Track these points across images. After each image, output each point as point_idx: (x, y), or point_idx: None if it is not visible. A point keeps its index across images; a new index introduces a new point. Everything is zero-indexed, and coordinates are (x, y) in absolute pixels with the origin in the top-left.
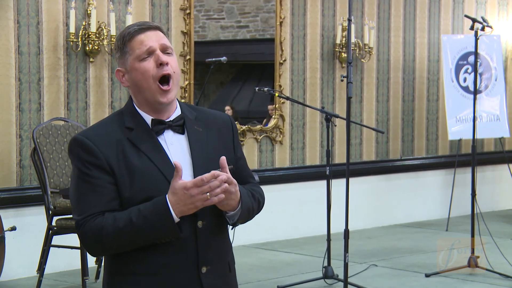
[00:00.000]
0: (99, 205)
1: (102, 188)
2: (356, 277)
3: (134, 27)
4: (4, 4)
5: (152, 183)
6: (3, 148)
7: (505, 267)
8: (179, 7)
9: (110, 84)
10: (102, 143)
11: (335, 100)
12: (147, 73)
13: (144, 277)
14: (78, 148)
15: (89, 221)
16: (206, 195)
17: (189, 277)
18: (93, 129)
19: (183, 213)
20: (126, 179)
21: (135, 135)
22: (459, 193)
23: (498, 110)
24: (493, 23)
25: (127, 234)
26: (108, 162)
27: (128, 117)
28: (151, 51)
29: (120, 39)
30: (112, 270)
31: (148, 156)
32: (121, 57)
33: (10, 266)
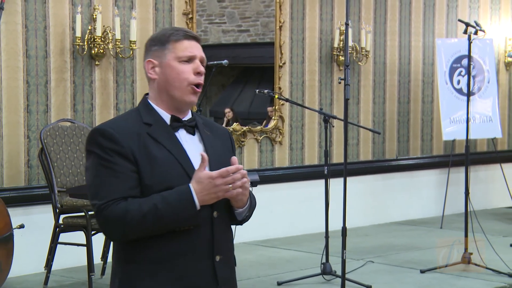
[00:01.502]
0: (121, 191)
1: (124, 175)
2: (353, 273)
3: (182, 31)
4: (12, 9)
5: (172, 174)
6: (12, 148)
7: (497, 264)
8: (182, 11)
9: (115, 87)
10: (124, 133)
11: (333, 101)
12: (183, 74)
13: (160, 265)
14: (100, 137)
15: (111, 205)
16: (229, 186)
17: (204, 265)
18: (113, 122)
19: (204, 202)
20: (148, 168)
21: (154, 130)
22: (453, 192)
23: (490, 111)
24: (486, 27)
25: (150, 218)
26: (131, 151)
27: (146, 114)
28: (193, 58)
29: (164, 36)
30: (126, 259)
31: (167, 148)
32: (158, 51)
33: (19, 262)
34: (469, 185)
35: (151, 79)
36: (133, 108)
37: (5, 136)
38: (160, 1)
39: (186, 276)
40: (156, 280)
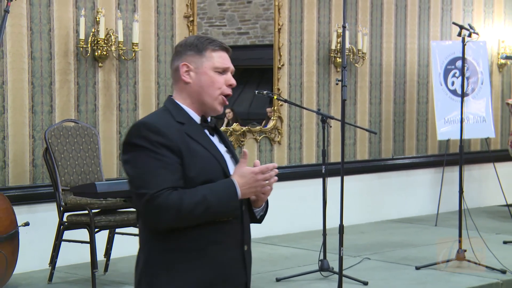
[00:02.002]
0: (171, 181)
1: (172, 166)
2: (351, 269)
3: (218, 42)
4: (17, 12)
5: (210, 167)
6: (17, 148)
7: (490, 260)
8: (183, 14)
9: (118, 88)
10: (168, 128)
11: (331, 102)
12: (217, 84)
13: (197, 253)
14: (147, 130)
15: (164, 193)
16: (266, 182)
17: (236, 254)
18: (153, 117)
19: (244, 196)
20: (191, 161)
21: (188, 128)
22: (447, 190)
23: (484, 112)
24: (480, 30)
25: (201, 208)
26: (177, 144)
27: (177, 113)
28: (227, 69)
29: (202, 44)
30: (163, 248)
31: (203, 145)
32: (194, 56)
33: (24, 259)
34: (463, 183)
35: (184, 82)
36: (161, 108)
37: (10, 136)
38: (162, 4)
39: (219, 264)
40: (192, 267)
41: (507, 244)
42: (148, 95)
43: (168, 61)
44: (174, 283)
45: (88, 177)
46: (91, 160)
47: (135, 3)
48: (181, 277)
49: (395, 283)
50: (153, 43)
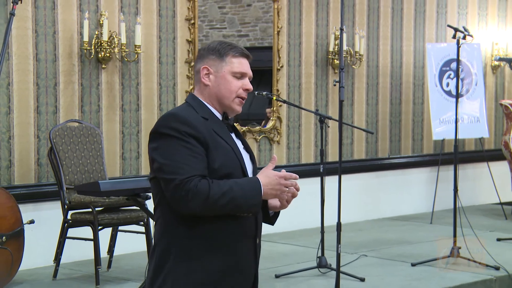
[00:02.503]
0: (200, 169)
1: (200, 156)
2: (348, 266)
3: (239, 49)
4: (23, 15)
5: (230, 162)
6: (22, 147)
7: (484, 257)
8: (184, 17)
9: (121, 89)
10: (195, 121)
11: (328, 103)
12: (233, 88)
13: (216, 242)
14: (177, 122)
15: (194, 179)
16: (287, 189)
17: (250, 245)
18: (182, 110)
19: (265, 196)
20: (215, 153)
21: (212, 123)
22: (442, 189)
23: (478, 112)
24: (474, 32)
25: (226, 198)
26: (204, 136)
27: (200, 109)
28: (244, 75)
29: (223, 49)
30: (184, 235)
31: (226, 141)
32: (215, 60)
33: (29, 256)
34: (458, 182)
35: (204, 84)
36: (183, 104)
37: (16, 136)
38: (163, 7)
39: (234, 254)
40: (209, 255)
41: (501, 241)
42: (150, 96)
43: (170, 62)
44: (191, 269)
45: (91, 176)
46: (94, 159)
47: (137, 6)
48: (198, 264)
49: (391, 279)
50: (155, 45)
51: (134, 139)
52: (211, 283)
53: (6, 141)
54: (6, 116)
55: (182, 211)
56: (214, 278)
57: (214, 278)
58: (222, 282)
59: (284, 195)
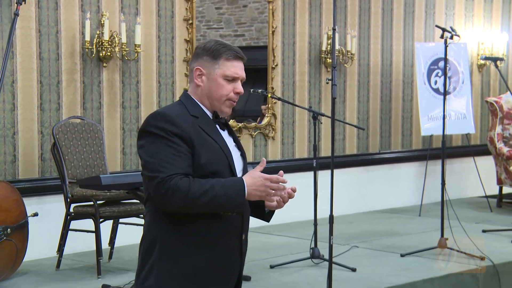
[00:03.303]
0: (182, 168)
1: (184, 155)
2: (340, 257)
3: (234, 51)
4: (27, 15)
5: (217, 159)
6: (27, 143)
7: (470, 248)
8: (183, 17)
9: (121, 86)
10: (182, 119)
11: (321, 100)
12: (224, 91)
13: (202, 238)
14: (163, 121)
15: (175, 178)
16: (272, 192)
17: (236, 242)
18: (169, 109)
19: (250, 196)
20: (202, 150)
21: (201, 122)
22: (430, 182)
23: (465, 109)
24: (461, 32)
25: (207, 196)
26: (189, 135)
27: (191, 107)
28: (236, 78)
29: (217, 51)
30: (170, 230)
31: (213, 138)
32: (208, 62)
33: (33, 247)
34: (445, 176)
35: (196, 84)
36: (176, 101)
37: (20, 132)
38: (162, 8)
39: (219, 250)
40: (194, 250)
41: (486, 232)
42: (150, 93)
43: (169, 61)
44: (175, 264)
45: (93, 171)
46: (96, 154)
47: (137, 7)
48: (182, 259)
49: (381, 269)
50: (154, 45)
51: (134, 135)
52: (195, 279)
53: (11, 137)
54: (11, 113)
55: (164, 208)
56: (198, 274)
57: (198, 274)
58: (206, 278)
59: (269, 197)
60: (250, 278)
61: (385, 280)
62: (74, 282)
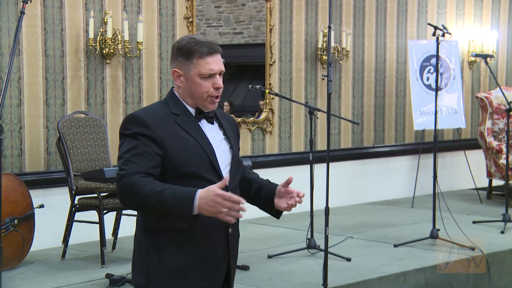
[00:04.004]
0: (144, 167)
1: (149, 155)
2: (335, 247)
3: (205, 48)
4: (32, 14)
5: (195, 155)
6: (33, 137)
7: (461, 238)
8: (183, 16)
9: (124, 83)
10: (155, 121)
11: (317, 96)
12: (204, 89)
13: (185, 234)
14: (132, 123)
15: (131, 176)
16: (224, 210)
17: (220, 236)
18: (146, 110)
19: (201, 210)
20: (175, 151)
21: (181, 119)
22: (422, 175)
23: (456, 104)
24: (452, 30)
25: (155, 199)
26: (160, 136)
27: (174, 105)
28: (212, 74)
29: (189, 51)
30: (153, 228)
31: (191, 135)
32: (183, 63)
33: (39, 238)
34: (437, 169)
35: (177, 85)
36: (161, 100)
37: (26, 127)
38: (164, 6)
39: (204, 245)
40: (179, 247)
41: (476, 224)
42: (152, 89)
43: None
44: (162, 261)
45: (97, 164)
46: (99, 148)
47: (139, 6)
48: (169, 256)
49: (375, 259)
50: (156, 42)
51: None
52: (180, 275)
53: (18, 131)
54: (17, 108)
55: (123, 206)
56: (183, 269)
57: (183, 269)
58: (192, 273)
59: (221, 215)
60: (248, 267)
61: (378, 269)
62: (79, 271)
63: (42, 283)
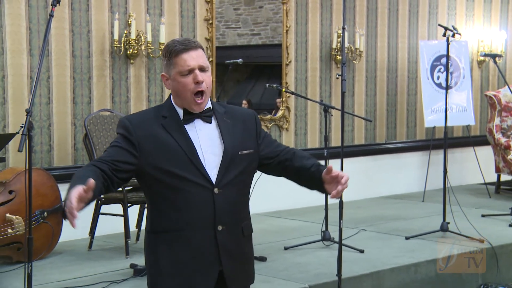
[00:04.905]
0: (110, 157)
1: (121, 149)
2: (349, 239)
3: (180, 46)
4: (61, 16)
5: (176, 158)
6: (61, 134)
7: (470, 231)
8: (203, 18)
9: (147, 82)
10: (138, 125)
11: (332, 94)
12: (186, 87)
13: (172, 234)
14: (118, 126)
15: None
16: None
17: (207, 234)
18: (135, 114)
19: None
20: (155, 151)
21: (167, 122)
22: (433, 170)
23: (465, 102)
24: (462, 31)
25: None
26: (138, 140)
27: (166, 109)
28: (191, 70)
29: (168, 53)
30: (149, 229)
31: (174, 138)
32: (167, 66)
33: (67, 230)
34: (447, 165)
35: (167, 88)
36: (161, 104)
37: (55, 124)
38: (185, 9)
39: (192, 244)
40: (169, 247)
41: (485, 217)
42: None
43: None
44: (157, 262)
45: None
46: None
47: (161, 8)
48: (162, 257)
49: (387, 251)
50: None
51: None
52: (170, 274)
53: (47, 128)
54: (47, 106)
55: None
56: (173, 269)
57: (173, 269)
58: (181, 273)
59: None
60: (266, 258)
61: (391, 261)
62: (104, 261)
63: (70, 272)
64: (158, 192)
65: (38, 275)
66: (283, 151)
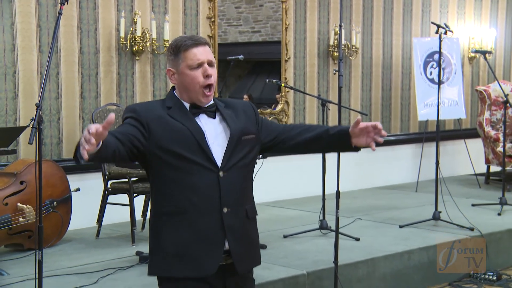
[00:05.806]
0: (117, 132)
1: (130, 126)
2: (345, 228)
3: (189, 41)
4: (69, 14)
5: (183, 140)
6: (70, 127)
7: (461, 220)
8: (206, 16)
9: (152, 77)
10: (144, 110)
11: (329, 89)
12: (196, 79)
13: (177, 217)
14: (127, 111)
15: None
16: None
17: (212, 216)
18: (141, 103)
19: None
20: (162, 132)
21: (173, 111)
22: (425, 162)
23: (457, 97)
24: (453, 28)
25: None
26: (146, 119)
27: (169, 100)
28: (201, 63)
29: (176, 47)
30: (152, 213)
31: (182, 123)
32: (173, 60)
33: (76, 218)
34: (439, 156)
35: (173, 84)
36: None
37: (64, 117)
38: (188, 7)
39: (197, 226)
40: (174, 229)
41: (475, 206)
42: None
43: None
44: (161, 244)
45: None
46: None
47: (166, 7)
48: (164, 239)
49: (382, 239)
50: None
51: None
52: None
53: (56, 122)
54: (56, 101)
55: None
56: (176, 251)
57: (176, 251)
58: (185, 254)
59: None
60: (266, 246)
61: (385, 248)
62: (111, 249)
63: (79, 259)
64: (164, 175)
65: (48, 262)
66: (285, 128)
